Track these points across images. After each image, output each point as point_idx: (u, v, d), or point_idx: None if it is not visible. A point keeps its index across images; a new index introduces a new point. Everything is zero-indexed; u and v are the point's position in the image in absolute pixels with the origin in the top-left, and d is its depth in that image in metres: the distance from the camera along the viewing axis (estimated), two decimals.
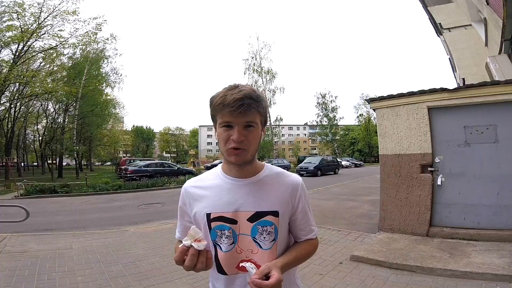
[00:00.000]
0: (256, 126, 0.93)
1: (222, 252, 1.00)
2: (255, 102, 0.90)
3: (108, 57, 25.55)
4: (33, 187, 12.28)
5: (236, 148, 0.91)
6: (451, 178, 4.72)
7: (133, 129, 68.14)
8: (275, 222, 0.98)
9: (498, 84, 4.37)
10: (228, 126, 0.91)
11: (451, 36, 10.65)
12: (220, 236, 0.99)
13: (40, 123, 29.55)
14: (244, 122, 0.90)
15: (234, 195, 1.00)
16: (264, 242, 0.98)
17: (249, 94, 0.89)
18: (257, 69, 35.74)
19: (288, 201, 1.01)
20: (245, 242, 0.98)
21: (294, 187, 1.04)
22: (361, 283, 3.26)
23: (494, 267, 3.29)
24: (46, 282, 3.33)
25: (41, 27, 18.33)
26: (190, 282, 3.42)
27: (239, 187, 1.01)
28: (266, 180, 1.03)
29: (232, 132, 0.90)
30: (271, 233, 0.98)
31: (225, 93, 0.90)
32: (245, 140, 0.91)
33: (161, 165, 20.37)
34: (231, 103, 0.87)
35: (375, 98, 5.63)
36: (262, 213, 0.98)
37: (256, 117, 0.93)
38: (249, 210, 0.98)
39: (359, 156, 53.60)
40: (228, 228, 0.98)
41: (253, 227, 0.98)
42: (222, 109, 0.90)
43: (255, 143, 0.94)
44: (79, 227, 6.52)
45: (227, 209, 0.98)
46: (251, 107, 0.89)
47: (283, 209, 1.00)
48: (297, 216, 1.04)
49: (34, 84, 18.27)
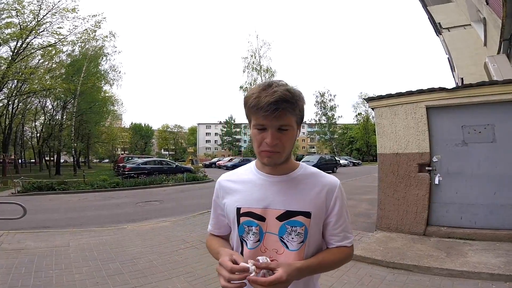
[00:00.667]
0: (291, 128, 0.90)
1: (247, 249, 0.97)
2: (291, 104, 0.86)
3: (107, 54, 25.52)
4: (30, 184, 12.22)
5: (269, 151, 0.89)
6: (448, 177, 4.73)
7: (132, 127, 67.99)
8: (305, 223, 0.94)
9: (496, 84, 4.38)
10: (262, 129, 0.89)
11: (450, 35, 10.66)
12: (247, 232, 0.97)
13: (38, 120, 29.45)
14: (278, 125, 0.87)
15: (265, 191, 0.97)
16: (291, 242, 0.94)
17: (284, 97, 0.83)
18: (256, 67, 35.65)
19: (323, 203, 0.97)
20: (271, 241, 0.95)
21: (330, 188, 0.98)
22: (358, 281, 3.28)
23: (490, 267, 3.31)
24: (43, 280, 3.31)
25: (40, 24, 18.24)
26: (188, 280, 3.42)
27: (271, 184, 0.98)
28: (300, 179, 0.99)
29: (266, 135, 0.88)
30: (300, 234, 0.94)
31: (259, 94, 0.85)
32: (279, 143, 0.88)
33: (159, 163, 20.35)
34: (265, 107, 0.83)
35: (373, 97, 5.63)
36: (292, 213, 0.94)
37: (291, 120, 0.89)
38: (279, 208, 0.95)
39: (357, 155, 53.77)
40: (256, 224, 0.96)
41: (281, 226, 0.94)
42: (256, 112, 0.86)
43: (289, 145, 0.92)
44: (77, 224, 6.50)
45: (257, 205, 0.96)
46: (286, 110, 0.85)
47: (316, 210, 0.95)
48: (331, 220, 0.99)
49: (32, 81, 18.19)
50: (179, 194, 12.10)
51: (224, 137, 74.28)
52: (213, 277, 3.52)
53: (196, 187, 14.59)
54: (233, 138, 74.61)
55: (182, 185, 15.57)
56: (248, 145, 64.39)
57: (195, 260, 4.08)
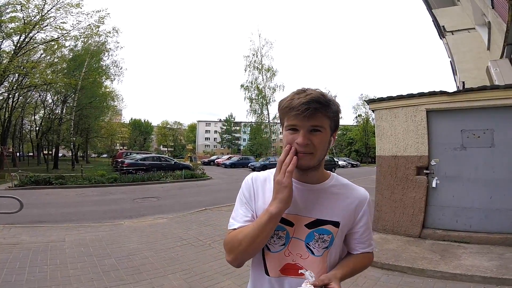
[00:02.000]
0: (323, 130, 0.90)
1: (270, 252, 0.99)
2: (323, 106, 0.88)
3: (109, 50, 25.51)
4: (27, 177, 12.17)
5: (300, 152, 0.89)
6: (446, 181, 4.74)
7: (131, 122, 67.86)
8: (333, 232, 0.97)
9: (498, 89, 4.38)
10: (293, 129, 0.90)
11: (454, 39, 10.65)
12: (272, 236, 0.97)
13: (37, 113, 29.35)
14: (310, 126, 0.88)
15: (298, 198, 0.98)
16: (317, 249, 0.97)
17: (317, 98, 0.86)
18: (258, 66, 35.62)
19: (352, 214, 1.00)
20: (296, 246, 0.97)
21: (361, 201, 1.02)
22: (353, 283, 3.27)
23: (483, 270, 3.33)
24: (37, 275, 3.30)
25: (44, 19, 18.21)
26: (183, 277, 3.42)
27: (302, 191, 0.99)
28: (332, 190, 1.01)
29: (297, 136, 0.89)
30: (326, 241, 0.97)
31: (293, 97, 0.88)
32: (310, 144, 0.89)
33: (158, 159, 20.32)
34: (297, 106, 0.85)
35: (374, 99, 5.63)
36: (322, 221, 0.96)
37: (324, 122, 0.90)
38: (310, 216, 0.97)
39: (356, 157, 53.70)
40: (283, 229, 0.97)
41: (309, 233, 0.96)
42: (288, 112, 0.88)
43: (321, 148, 0.91)
44: (73, 219, 6.49)
45: (288, 211, 0.94)
46: (317, 111, 0.86)
47: (344, 221, 0.98)
48: (359, 230, 1.03)
49: (33, 75, 18.14)
50: (177, 191, 12.10)
51: (224, 135, 74.24)
52: (209, 274, 3.53)
53: (194, 185, 14.58)
54: (233, 136, 74.54)
55: (180, 182, 15.57)
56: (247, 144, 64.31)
57: (192, 258, 4.09)
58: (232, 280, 3.32)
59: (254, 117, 37.31)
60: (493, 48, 7.17)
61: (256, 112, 36.72)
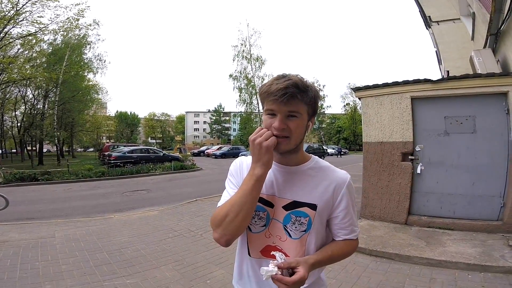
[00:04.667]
0: (300, 116, 0.92)
1: (251, 233, 1.01)
2: (301, 92, 0.89)
3: (90, 43, 24.67)
4: (12, 174, 11.84)
5: (277, 136, 0.90)
6: (430, 167, 4.88)
7: (117, 115, 66.42)
8: (310, 215, 0.97)
9: (480, 77, 4.49)
10: (272, 114, 0.92)
11: (439, 29, 10.80)
12: (253, 217, 0.99)
13: (18, 109, 28.34)
14: (287, 111, 0.90)
15: (275, 180, 1.00)
16: (294, 231, 0.98)
17: (294, 83, 0.87)
18: (246, 55, 35.23)
19: (330, 197, 0.99)
20: (276, 228, 0.99)
21: (339, 183, 1.00)
22: (343, 269, 3.39)
23: (466, 257, 3.43)
24: (29, 272, 3.28)
25: (19, 14, 17.33)
26: (176, 268, 3.46)
27: (281, 173, 1.01)
28: (310, 172, 1.01)
29: (275, 120, 0.90)
30: (303, 224, 0.97)
31: (272, 82, 0.90)
32: (287, 128, 0.90)
33: (146, 151, 20.05)
34: (275, 91, 0.87)
35: (360, 87, 5.69)
36: (299, 203, 0.97)
37: (300, 107, 0.91)
38: (287, 198, 0.98)
39: (344, 144, 54.52)
40: (264, 210, 0.99)
41: (286, 215, 0.98)
42: (267, 97, 0.90)
43: (298, 132, 0.93)
44: (62, 215, 6.41)
45: (265, 191, 0.98)
46: (295, 96, 0.88)
47: (322, 204, 0.98)
48: (339, 214, 1.01)
49: (11, 71, 17.44)
50: (167, 183, 12.05)
51: (213, 126, 73.74)
52: (202, 264, 3.58)
53: (184, 176, 14.54)
54: (222, 127, 74.20)
55: (170, 173, 15.49)
56: (238, 134, 64.14)
57: (184, 249, 4.12)
58: (225, 270, 3.39)
59: (243, 106, 37.15)
60: (477, 38, 7.32)
61: (246, 101, 36.55)
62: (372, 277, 3.20)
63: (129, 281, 3.11)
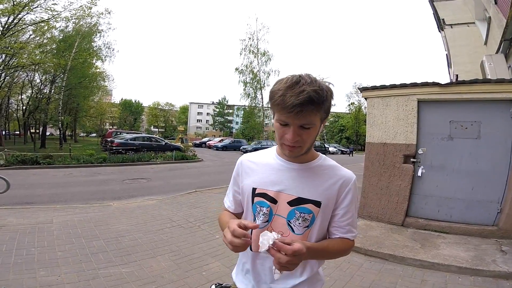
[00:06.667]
0: (314, 126, 0.89)
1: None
2: (316, 106, 0.84)
3: (101, 31, 24.68)
4: (14, 157, 11.90)
5: (290, 146, 0.90)
6: (431, 170, 4.85)
7: (122, 102, 66.51)
8: (314, 212, 0.98)
9: (489, 83, 4.43)
10: (284, 125, 0.89)
11: (452, 32, 10.69)
12: (258, 212, 1.02)
13: (24, 93, 28.48)
14: (300, 124, 0.87)
15: (281, 176, 1.01)
16: (297, 227, 0.99)
17: (310, 98, 0.81)
18: (253, 50, 35.11)
19: (334, 195, 0.99)
20: (278, 223, 1.00)
21: (344, 182, 1.00)
22: (337, 267, 3.39)
23: (459, 260, 3.46)
24: (24, 258, 3.27)
25: (34, 0, 17.38)
26: (172, 258, 3.47)
27: (288, 170, 1.02)
28: (317, 170, 1.02)
29: (288, 131, 0.88)
30: (307, 220, 0.98)
31: (285, 92, 0.83)
32: (300, 139, 0.89)
33: (148, 139, 20.09)
34: (289, 108, 0.82)
35: (367, 87, 5.64)
36: (304, 200, 0.98)
37: (315, 119, 0.88)
38: (292, 194, 0.99)
39: (347, 144, 54.34)
40: (267, 206, 1.00)
41: (291, 211, 0.99)
42: (280, 110, 0.86)
43: (310, 140, 0.93)
44: (61, 200, 6.44)
45: (271, 187, 1.00)
46: (311, 112, 0.84)
47: (326, 201, 0.98)
48: (339, 212, 1.01)
49: (21, 56, 17.49)
50: (167, 172, 12.08)
51: (216, 118, 73.68)
52: (198, 256, 3.59)
53: (184, 166, 14.56)
54: (225, 119, 74.11)
55: (171, 163, 15.52)
56: (240, 127, 64.05)
57: (181, 239, 4.14)
58: (221, 262, 3.39)
59: (247, 100, 37.10)
60: (490, 43, 7.23)
61: (250, 95, 36.48)
62: (365, 276, 3.22)
63: (124, 270, 3.12)
